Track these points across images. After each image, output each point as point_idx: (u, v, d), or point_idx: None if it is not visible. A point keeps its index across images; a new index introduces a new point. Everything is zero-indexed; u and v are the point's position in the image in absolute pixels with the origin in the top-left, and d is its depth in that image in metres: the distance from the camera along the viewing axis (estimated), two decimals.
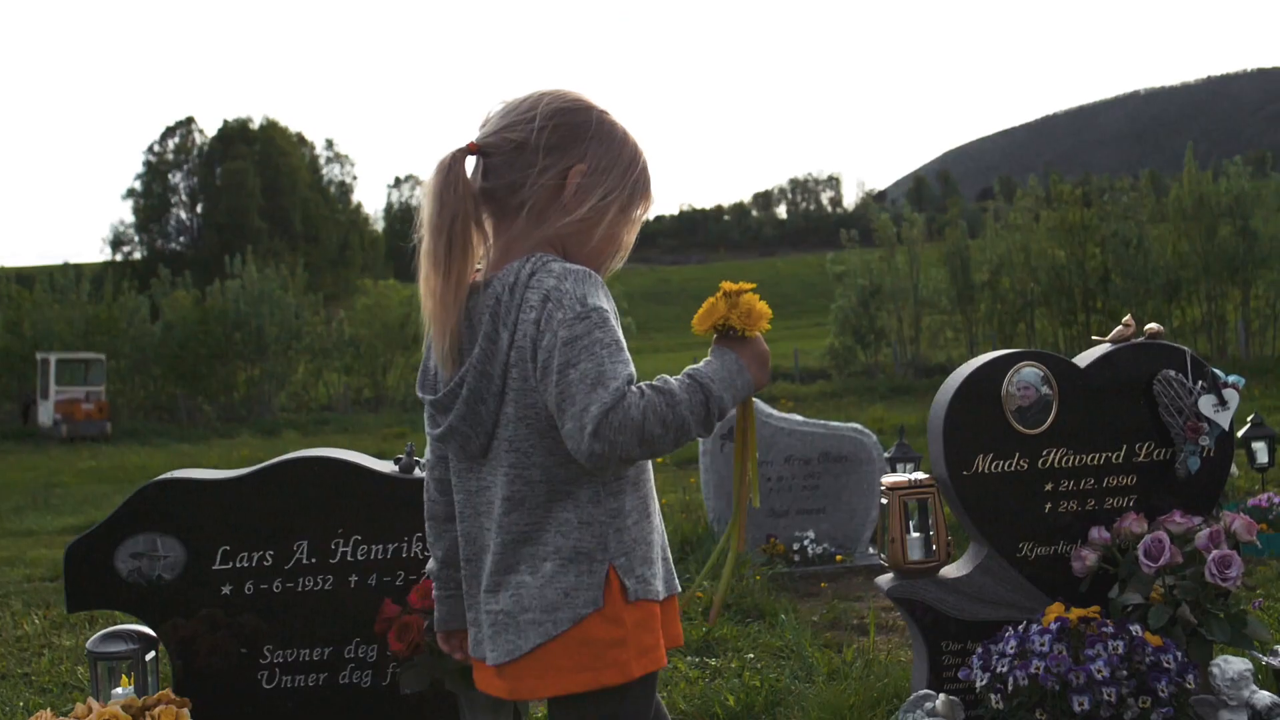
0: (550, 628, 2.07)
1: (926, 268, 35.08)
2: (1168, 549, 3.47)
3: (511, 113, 2.19)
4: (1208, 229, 30.61)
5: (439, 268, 2.12)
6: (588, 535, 2.10)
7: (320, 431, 30.82)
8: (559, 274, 2.06)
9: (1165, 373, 3.74)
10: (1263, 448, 7.71)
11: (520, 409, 2.09)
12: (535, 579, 2.10)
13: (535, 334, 2.04)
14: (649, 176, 2.27)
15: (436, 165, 2.16)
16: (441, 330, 2.13)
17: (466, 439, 2.14)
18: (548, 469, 2.10)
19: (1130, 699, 3.17)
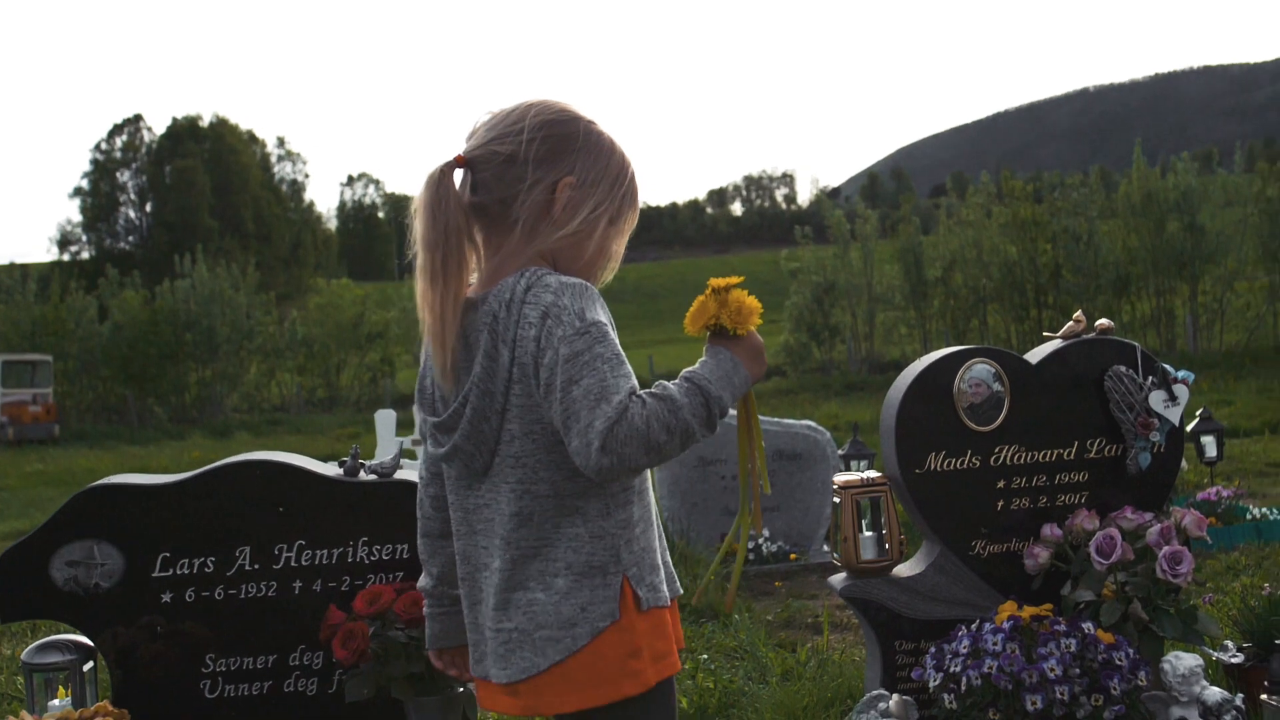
0: (570, 644, 2.07)
1: (880, 264, 35.20)
2: (1119, 546, 3.46)
3: (499, 125, 2.18)
4: (1156, 225, 30.88)
5: (435, 283, 2.11)
6: (600, 548, 2.10)
7: (273, 432, 30.58)
8: (555, 289, 2.06)
9: (1116, 369, 3.74)
10: (1211, 441, 7.77)
11: (525, 425, 2.08)
12: (549, 595, 2.09)
13: (536, 351, 2.04)
14: (637, 186, 2.26)
15: (426, 180, 2.15)
16: (440, 346, 2.12)
17: (471, 457, 2.13)
18: (555, 483, 2.10)
19: (1083, 697, 3.15)
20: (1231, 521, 7.13)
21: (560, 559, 2.09)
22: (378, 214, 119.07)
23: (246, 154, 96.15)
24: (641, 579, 2.12)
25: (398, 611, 3.25)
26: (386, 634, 3.27)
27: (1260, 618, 3.67)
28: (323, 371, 40.27)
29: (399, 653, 3.25)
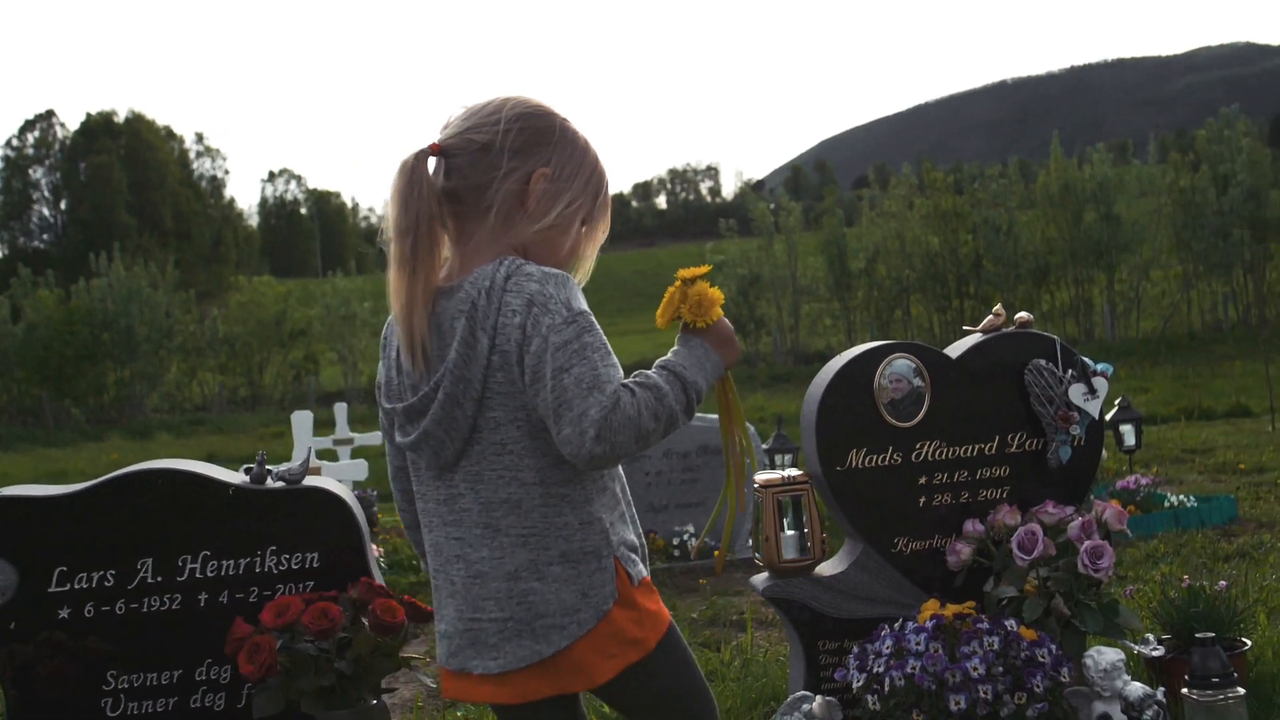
0: (575, 629, 2.11)
1: (804, 256, 35.38)
2: (1041, 541, 3.43)
3: (474, 115, 2.19)
4: (1074, 215, 31.34)
5: (406, 268, 2.11)
6: (592, 534, 2.14)
7: (194, 432, 30.12)
8: (539, 278, 2.07)
9: (1036, 362, 3.71)
10: (1130, 430, 7.84)
11: (509, 412, 2.09)
12: (545, 584, 2.11)
13: (521, 339, 2.05)
14: (608, 188, 2.30)
15: (399, 166, 2.14)
16: (409, 332, 2.12)
17: (441, 445, 2.12)
18: (541, 470, 2.11)
19: (1006, 695, 3.12)
20: (1150, 509, 7.20)
21: (554, 548, 2.11)
22: (300, 210, 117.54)
23: (164, 150, 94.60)
24: (629, 559, 2.18)
25: (306, 623, 3.14)
26: (295, 646, 3.16)
27: (1180, 609, 3.67)
28: (245, 370, 39.71)
29: (308, 666, 3.14)
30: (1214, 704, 3.05)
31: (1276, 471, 9.14)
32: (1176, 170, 31.28)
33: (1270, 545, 6.17)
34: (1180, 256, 31.46)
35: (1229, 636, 3.67)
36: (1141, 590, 5.02)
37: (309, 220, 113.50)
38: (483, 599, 2.13)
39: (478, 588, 2.13)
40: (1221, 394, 17.51)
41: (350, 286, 40.11)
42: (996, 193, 32.44)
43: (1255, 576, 5.46)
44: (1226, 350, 25.69)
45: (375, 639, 3.22)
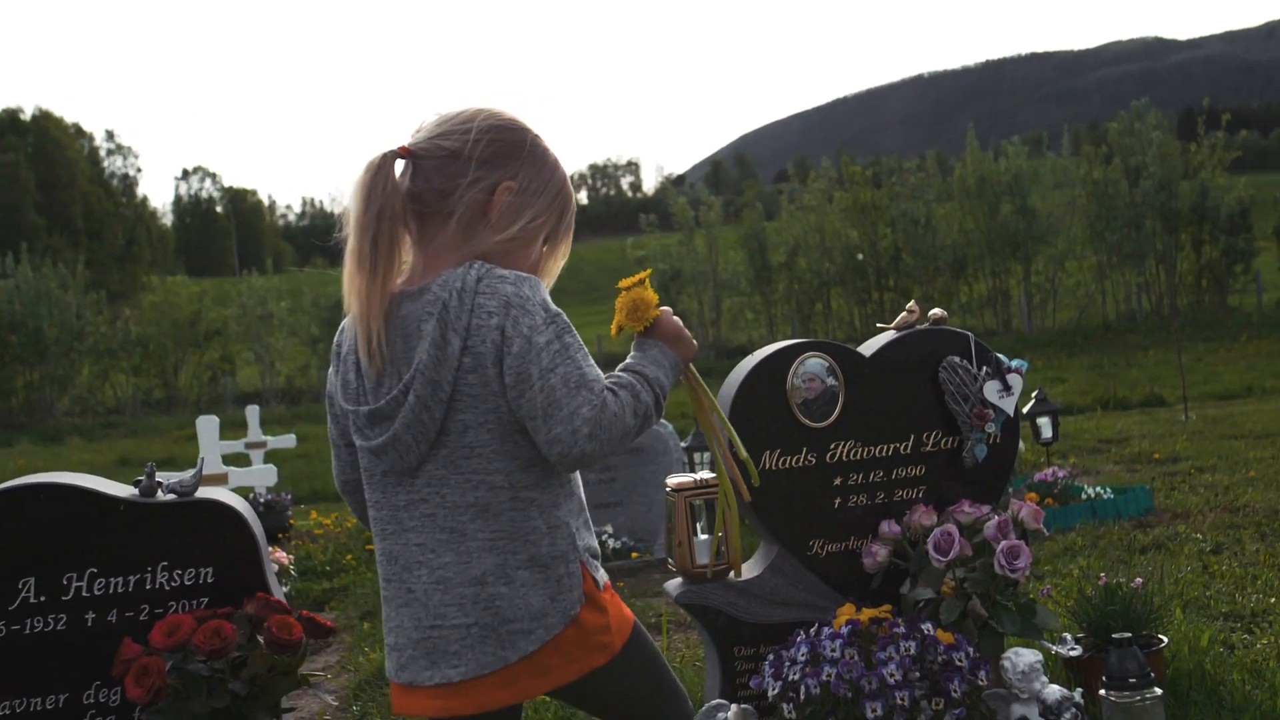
0: (542, 634, 2.10)
1: (725, 250, 35.38)
2: (957, 542, 3.37)
3: (446, 123, 2.19)
4: (990, 207, 31.66)
5: (364, 266, 2.09)
6: (560, 538, 2.14)
7: (107, 436, 29.50)
8: (513, 280, 2.08)
9: (950, 359, 3.66)
10: (1047, 423, 7.86)
11: (480, 414, 2.08)
12: (512, 589, 2.09)
13: (499, 340, 2.05)
14: (574, 210, 2.30)
15: (366, 164, 2.14)
16: (368, 333, 2.11)
17: (407, 449, 2.10)
18: (510, 474, 2.11)
19: (924, 701, 3.05)
20: (1068, 501, 7.21)
21: (522, 553, 2.10)
22: (215, 208, 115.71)
23: (73, 148, 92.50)
24: (592, 563, 2.21)
25: (198, 643, 3.00)
26: (186, 668, 3.02)
27: (1097, 608, 3.63)
28: (159, 372, 38.92)
29: (200, 688, 3.00)
30: (1131, 705, 3.01)
31: (1190, 461, 9.23)
32: (1089, 163, 31.70)
33: (1185, 536, 6.19)
34: (1094, 248, 31.88)
35: (1146, 634, 3.64)
36: (1060, 586, 5.00)
37: (225, 219, 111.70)
38: (445, 605, 2.10)
39: (440, 594, 2.10)
40: (1136, 384, 17.75)
41: (267, 286, 39.49)
42: (914, 186, 32.69)
43: (1171, 569, 5.47)
44: (1140, 340, 26.08)
45: (272, 657, 3.09)
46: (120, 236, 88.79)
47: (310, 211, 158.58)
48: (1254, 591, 4.89)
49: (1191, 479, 8.27)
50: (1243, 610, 4.62)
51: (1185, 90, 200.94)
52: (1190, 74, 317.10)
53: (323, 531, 8.92)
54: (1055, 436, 7.94)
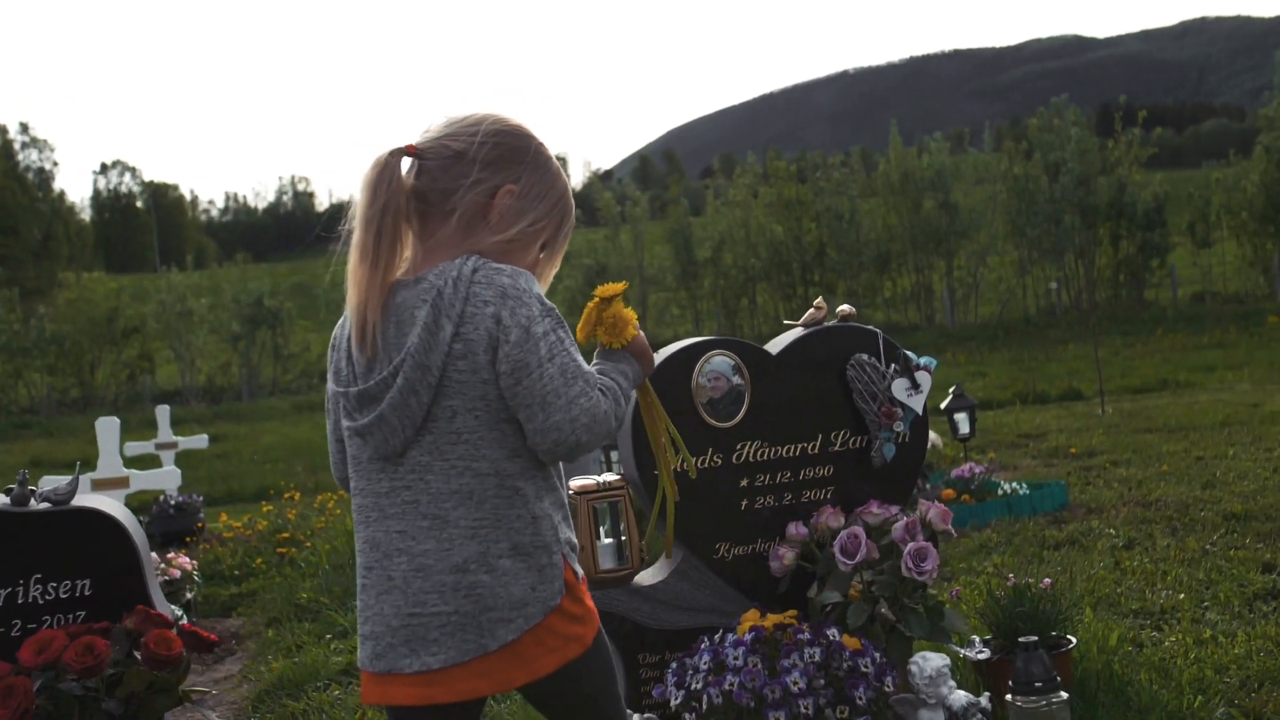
0: (522, 623, 2.09)
1: (651, 246, 35.32)
2: (864, 544, 3.30)
3: (454, 125, 2.24)
4: (913, 203, 31.89)
5: (367, 258, 2.13)
6: (543, 528, 2.14)
7: (21, 436, 28.83)
8: (510, 273, 2.12)
9: (858, 357, 3.59)
10: (964, 418, 7.85)
11: (468, 401, 2.10)
12: (494, 577, 2.09)
13: (494, 328, 2.07)
14: (572, 221, 2.34)
15: (373, 160, 2.18)
16: (363, 319, 2.14)
17: (392, 432, 2.11)
18: (496, 462, 2.12)
19: (828, 709, 2.98)
20: (984, 497, 7.20)
21: (504, 540, 2.10)
22: (136, 203, 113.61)
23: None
24: (573, 555, 2.20)
25: (68, 661, 2.85)
26: (57, 687, 2.87)
27: (1005, 609, 3.58)
28: (75, 370, 38.09)
29: (72, 708, 2.85)
30: (1038, 710, 2.95)
31: (1106, 455, 9.28)
32: (1010, 158, 32.03)
33: (1099, 531, 6.20)
34: (1015, 243, 32.23)
35: (1054, 635, 3.59)
36: (973, 586, 4.97)
37: (145, 214, 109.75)
38: (425, 592, 2.09)
39: (420, 581, 2.10)
40: (1055, 378, 17.90)
41: (186, 282, 38.81)
42: (838, 181, 32.83)
43: (1084, 565, 5.46)
44: (1060, 334, 26.38)
45: (150, 674, 2.95)
46: (36, 232, 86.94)
47: (234, 206, 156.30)
48: (1164, 588, 4.89)
49: (1106, 473, 8.31)
50: (1152, 607, 4.61)
51: (1103, 88, 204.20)
52: (1108, 71, 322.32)
53: (233, 535, 8.71)
54: (972, 432, 7.94)
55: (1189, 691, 3.53)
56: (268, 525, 8.94)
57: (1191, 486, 7.29)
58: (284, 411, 29.57)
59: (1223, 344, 21.45)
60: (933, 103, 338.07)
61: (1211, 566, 5.15)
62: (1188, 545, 5.64)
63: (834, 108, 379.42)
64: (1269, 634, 4.06)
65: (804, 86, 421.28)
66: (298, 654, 5.29)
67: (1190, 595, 4.71)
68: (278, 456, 17.97)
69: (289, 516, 9.37)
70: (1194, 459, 8.55)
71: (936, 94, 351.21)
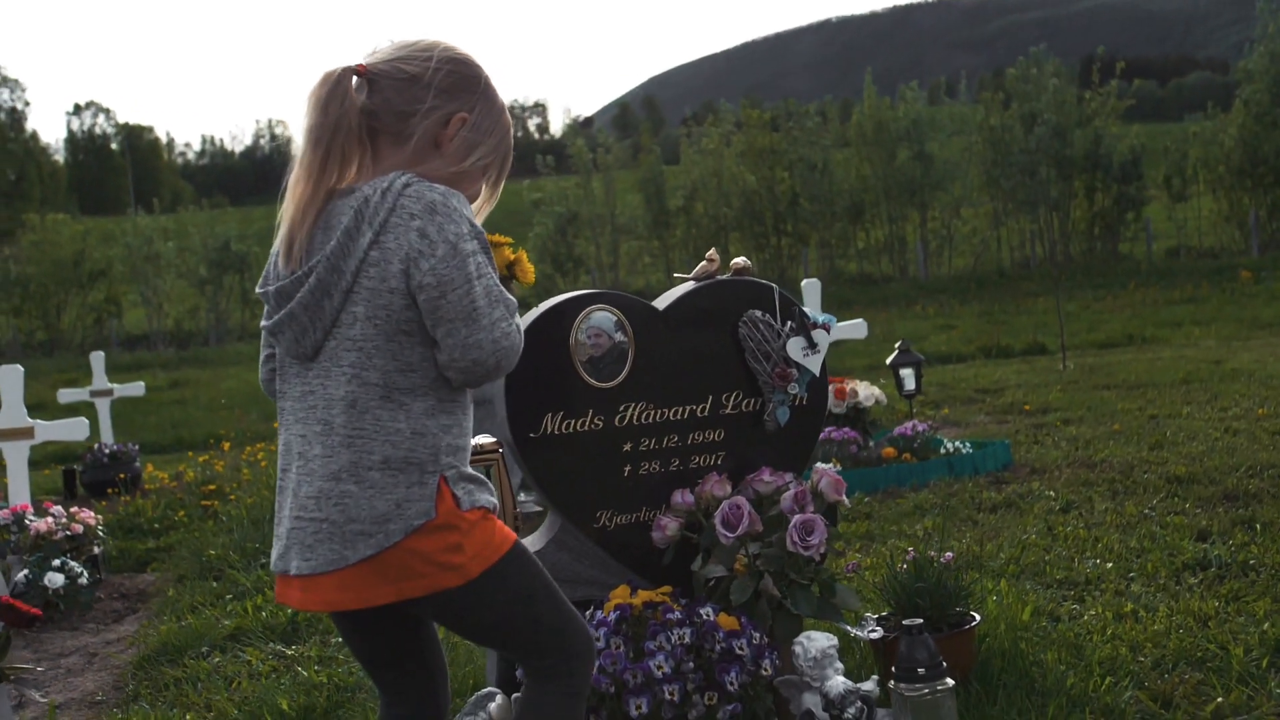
0: (382, 539, 2.05)
1: (623, 194, 34.94)
2: (747, 515, 3.07)
3: (405, 49, 2.21)
4: (888, 154, 31.55)
5: (311, 176, 2.12)
6: (420, 446, 2.10)
7: None
8: (443, 192, 2.11)
9: (751, 314, 3.34)
10: (910, 374, 7.63)
11: (371, 309, 2.08)
12: (361, 489, 2.07)
13: (417, 241, 2.06)
14: (511, 157, 2.34)
15: (322, 77, 2.15)
16: (292, 227, 2.12)
17: (303, 331, 2.11)
18: (387, 374, 2.10)
19: (696, 695, 2.75)
20: (927, 456, 7.00)
21: (377, 452, 2.08)
22: (110, 145, 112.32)
23: None
24: (459, 480, 2.13)
25: None
26: None
27: (904, 585, 3.36)
28: (41, 313, 37.64)
29: None
30: (920, 699, 2.74)
31: (1059, 412, 9.09)
32: (987, 109, 31.69)
33: (1038, 494, 5.99)
34: (990, 194, 31.95)
35: (958, 611, 3.38)
36: (883, 551, 4.75)
37: (120, 156, 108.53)
38: (308, 497, 2.10)
39: (306, 485, 2.11)
40: (1021, 331, 17.72)
41: (153, 225, 38.30)
42: (811, 131, 32.44)
43: (1016, 530, 5.26)
44: (1032, 287, 26.19)
45: None
46: (9, 173, 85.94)
47: (210, 150, 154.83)
48: (1093, 555, 4.68)
49: (1056, 432, 8.11)
50: (1077, 577, 4.40)
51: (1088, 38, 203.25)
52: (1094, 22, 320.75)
53: (156, 486, 8.46)
54: (918, 388, 7.72)
55: (1098, 672, 3.33)
56: (195, 477, 8.69)
57: (1139, 447, 7.10)
58: (250, 356, 29.20)
59: (1194, 299, 21.30)
60: (916, 52, 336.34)
61: (1145, 533, 4.95)
62: (1125, 510, 5.44)
63: (816, 56, 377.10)
64: (1191, 608, 3.85)
65: (787, 35, 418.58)
66: (190, 616, 5.06)
67: (1118, 564, 4.51)
68: (235, 403, 17.68)
69: (217, 469, 9.11)
70: (1147, 418, 8.36)
71: (920, 44, 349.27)
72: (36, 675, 4.48)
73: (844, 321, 8.76)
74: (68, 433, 6.65)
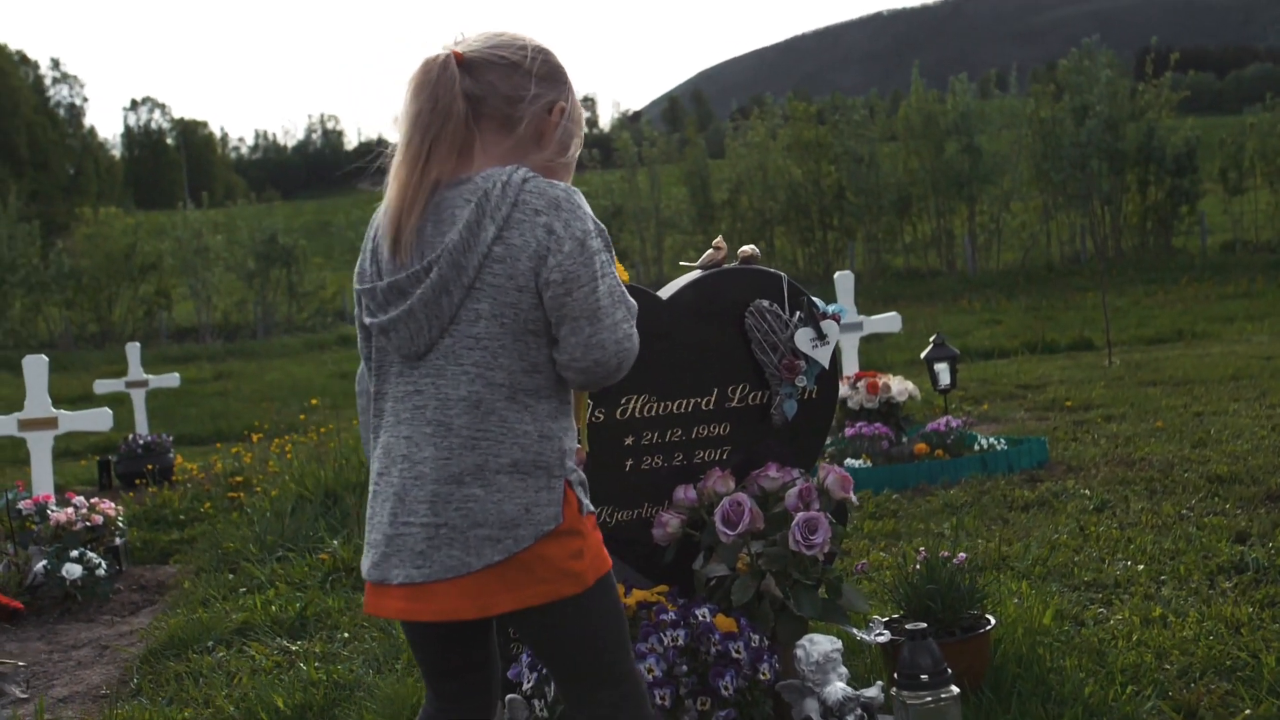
0: (511, 544, 1.99)
1: (668, 187, 34.77)
2: (748, 512, 2.95)
3: (497, 38, 2.16)
4: (935, 146, 31.16)
5: (417, 161, 2.04)
6: (548, 449, 2.04)
7: None
8: (565, 188, 2.06)
9: (758, 303, 3.22)
10: (945, 369, 7.47)
11: (497, 306, 2.01)
12: (489, 493, 2.00)
13: (545, 237, 2.00)
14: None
15: (424, 63, 2.08)
16: (398, 224, 2.04)
17: (418, 330, 2.03)
18: (513, 374, 2.03)
19: (689, 700, 2.64)
20: (960, 453, 6.84)
21: (506, 455, 2.01)
22: (166, 140, 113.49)
23: (16, 76, 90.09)
24: (580, 483, 2.10)
25: None
26: None
27: (915, 587, 3.22)
28: (93, 305, 38.04)
29: None
30: (923, 707, 2.61)
31: (1101, 409, 8.88)
32: (1037, 101, 31.24)
33: (1073, 492, 5.82)
34: (1040, 188, 31.49)
35: (973, 614, 3.24)
36: (905, 550, 4.61)
37: (175, 151, 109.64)
38: (418, 501, 2.02)
39: (415, 489, 2.02)
40: (1068, 327, 17.42)
41: (203, 219, 38.61)
42: (857, 123, 32.11)
43: (1048, 529, 5.10)
44: (1081, 282, 25.77)
45: None
46: (67, 167, 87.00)
47: (264, 144, 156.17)
48: (1124, 557, 4.51)
49: (1096, 429, 7.92)
50: (1107, 579, 4.24)
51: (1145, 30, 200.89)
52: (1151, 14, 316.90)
53: (185, 478, 8.44)
54: (953, 383, 7.55)
55: (1120, 680, 3.18)
56: (223, 468, 8.67)
57: (1181, 445, 6.90)
58: (295, 349, 29.39)
59: (1249, 294, 20.88)
60: (968, 45, 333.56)
61: (1181, 534, 4.78)
62: (1162, 510, 5.26)
63: (867, 49, 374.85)
64: (1223, 614, 3.69)
65: (837, 28, 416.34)
66: (201, 609, 4.99)
67: (1150, 567, 4.34)
68: (275, 395, 17.71)
69: (246, 460, 9.08)
70: (1192, 415, 8.15)
71: (972, 36, 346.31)
72: (19, 670, 4.42)
73: (878, 315, 8.62)
74: (91, 423, 6.62)
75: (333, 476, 6.70)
